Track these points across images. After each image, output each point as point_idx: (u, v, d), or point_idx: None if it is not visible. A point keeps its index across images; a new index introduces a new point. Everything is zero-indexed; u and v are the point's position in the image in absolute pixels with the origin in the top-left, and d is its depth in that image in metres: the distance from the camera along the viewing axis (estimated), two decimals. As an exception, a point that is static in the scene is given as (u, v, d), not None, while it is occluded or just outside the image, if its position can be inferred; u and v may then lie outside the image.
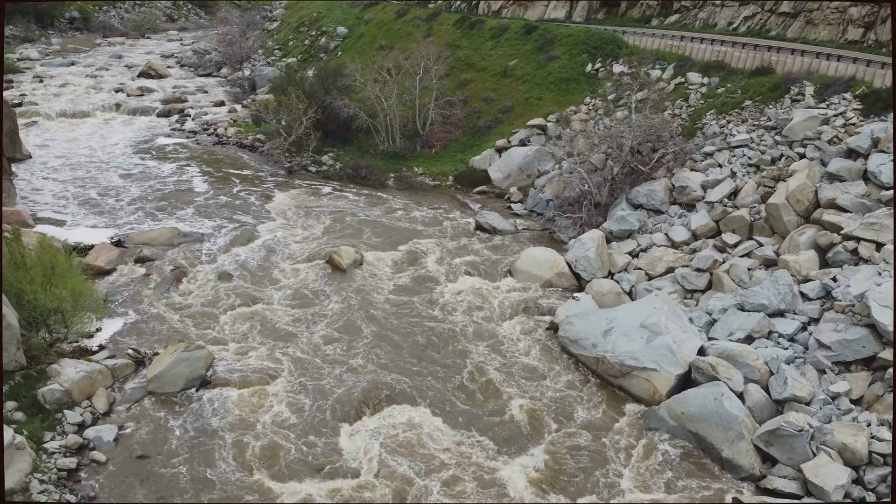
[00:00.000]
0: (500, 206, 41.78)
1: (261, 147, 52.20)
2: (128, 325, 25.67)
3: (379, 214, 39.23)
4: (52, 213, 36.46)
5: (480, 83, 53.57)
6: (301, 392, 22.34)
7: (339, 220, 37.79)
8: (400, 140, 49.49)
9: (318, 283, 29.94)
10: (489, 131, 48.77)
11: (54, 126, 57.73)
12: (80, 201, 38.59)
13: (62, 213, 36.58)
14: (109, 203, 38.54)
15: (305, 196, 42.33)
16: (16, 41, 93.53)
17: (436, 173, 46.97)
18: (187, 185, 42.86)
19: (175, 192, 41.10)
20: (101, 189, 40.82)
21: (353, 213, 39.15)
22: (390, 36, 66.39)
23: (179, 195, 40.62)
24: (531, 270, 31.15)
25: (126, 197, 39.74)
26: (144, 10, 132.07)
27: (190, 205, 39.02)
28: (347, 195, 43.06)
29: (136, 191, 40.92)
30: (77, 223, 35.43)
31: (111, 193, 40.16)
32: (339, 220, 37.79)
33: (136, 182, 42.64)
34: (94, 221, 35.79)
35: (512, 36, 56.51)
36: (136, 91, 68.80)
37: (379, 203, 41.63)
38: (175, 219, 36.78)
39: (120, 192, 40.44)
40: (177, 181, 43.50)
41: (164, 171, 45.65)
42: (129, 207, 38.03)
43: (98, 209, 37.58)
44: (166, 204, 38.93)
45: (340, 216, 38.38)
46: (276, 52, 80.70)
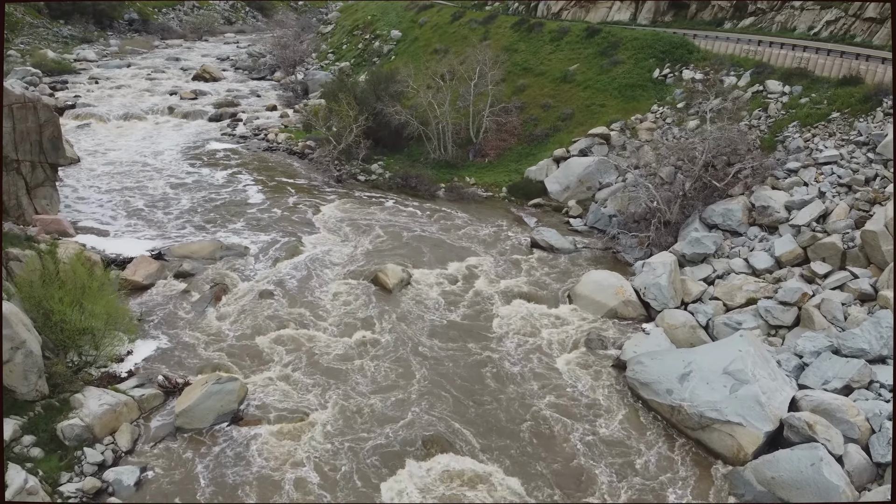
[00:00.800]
0: (557, 222, 39.13)
1: (310, 154, 50.77)
2: (161, 349, 24.09)
3: (428, 228, 37.07)
4: (95, 222, 35.50)
5: (538, 89, 50.95)
6: (340, 434, 20.25)
7: (387, 233, 35.79)
8: (452, 148, 47.30)
9: (362, 306, 27.91)
10: (546, 140, 46.11)
11: (106, 129, 57.63)
12: (125, 210, 37.61)
13: (105, 223, 35.59)
14: (154, 212, 37.45)
15: (353, 207, 40.52)
16: (74, 41, 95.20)
17: (489, 184, 44.57)
18: (234, 194, 41.57)
19: (221, 202, 39.82)
20: (147, 197, 39.83)
21: (401, 225, 37.08)
22: (445, 39, 64.34)
23: (225, 205, 39.31)
24: (594, 297, 28.45)
25: (171, 206, 38.61)
26: (203, 12, 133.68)
27: (235, 215, 37.63)
28: (396, 206, 41.08)
29: (181, 200, 39.79)
30: (120, 233, 34.35)
31: (157, 202, 39.10)
32: (387, 233, 35.79)
33: (183, 190, 41.56)
34: (137, 232, 34.66)
35: (573, 39, 53.71)
36: (190, 94, 68.54)
37: (428, 215, 39.49)
38: (219, 230, 35.39)
39: (166, 201, 39.36)
40: (224, 190, 42.26)
41: (212, 179, 44.53)
42: (174, 217, 36.84)
43: (142, 218, 36.50)
44: (211, 214, 37.65)
45: (388, 229, 36.38)
46: (330, 55, 79.68)
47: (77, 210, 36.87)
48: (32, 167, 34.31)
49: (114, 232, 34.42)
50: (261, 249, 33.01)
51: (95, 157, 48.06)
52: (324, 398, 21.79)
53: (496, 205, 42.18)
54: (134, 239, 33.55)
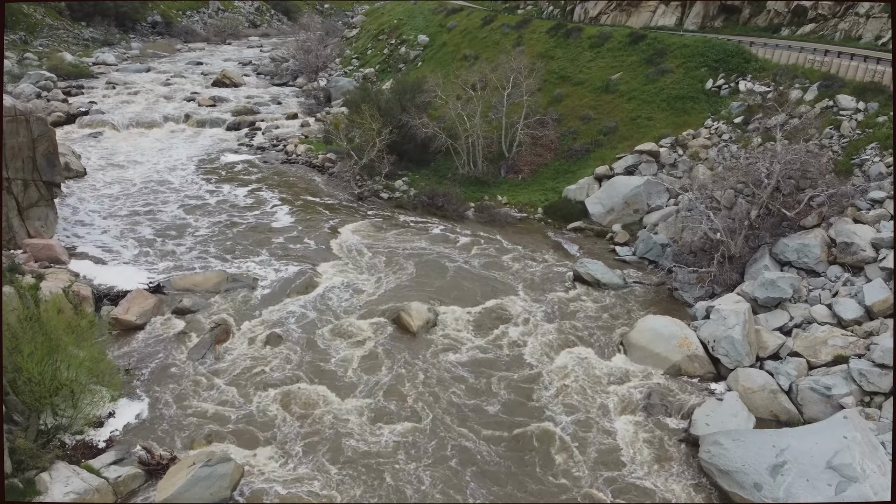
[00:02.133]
0: (601, 250, 35.19)
1: (331, 168, 47.38)
2: (147, 412, 20.62)
3: (456, 255, 33.36)
4: (93, 246, 32.34)
5: (577, 99, 47.02)
6: (353, 531, 16.61)
7: (411, 261, 32.17)
8: (482, 164, 43.55)
9: (383, 354, 24.26)
10: (587, 156, 42.15)
11: (119, 137, 54.88)
12: (127, 231, 34.44)
13: (105, 247, 32.40)
14: (158, 235, 34.22)
15: (375, 229, 36.97)
16: (95, 44, 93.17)
17: (523, 204, 40.73)
18: (245, 213, 38.25)
19: (230, 223, 36.52)
20: (153, 218, 36.63)
21: (426, 252, 33.43)
22: (475, 45, 60.66)
23: (234, 227, 36.00)
24: (651, 347, 24.50)
25: (177, 228, 35.36)
26: (227, 15, 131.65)
27: (245, 238, 34.28)
28: (421, 229, 37.45)
29: (189, 220, 36.54)
30: (118, 259, 31.15)
31: (163, 224, 35.87)
32: (411, 261, 32.17)
33: (191, 210, 38.31)
34: (138, 258, 31.42)
35: (615, 46, 49.69)
36: (208, 101, 65.70)
37: (457, 240, 35.80)
38: (226, 255, 32.04)
39: (172, 223, 36.12)
40: (235, 209, 38.98)
41: (224, 195, 41.31)
42: (178, 241, 33.57)
43: (144, 242, 33.28)
44: (219, 237, 34.33)
45: (412, 256, 32.76)
46: (354, 61, 76.45)
47: (75, 233, 33.75)
48: (25, 186, 31.26)
49: (112, 259, 31.20)
50: (271, 281, 29.56)
51: (103, 171, 45.15)
52: (336, 481, 18.14)
53: (531, 228, 38.33)
54: (133, 267, 30.31)
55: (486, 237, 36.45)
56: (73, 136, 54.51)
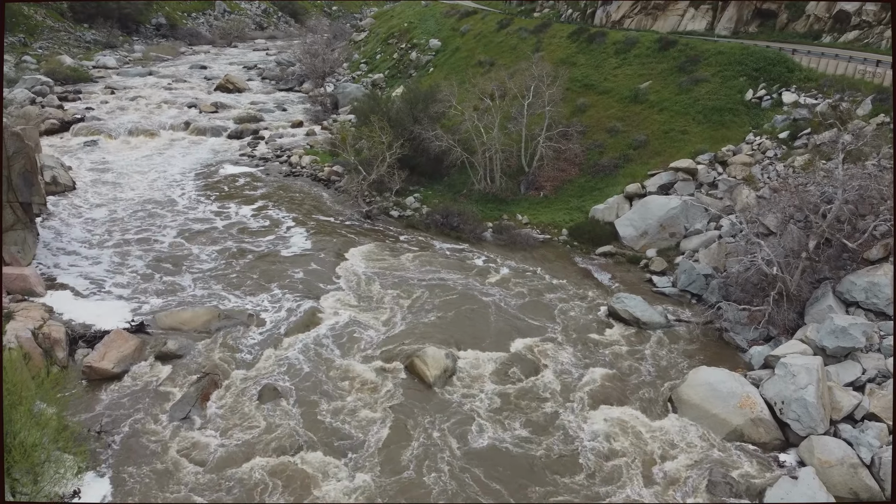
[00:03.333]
0: (635, 279, 31.83)
1: (337, 182, 44.23)
2: (116, 490, 17.39)
3: (474, 285, 30.07)
4: (75, 275, 29.17)
5: (602, 109, 43.68)
6: None
7: (424, 291, 28.92)
8: (500, 179, 40.24)
9: (393, 411, 20.99)
10: (615, 172, 38.79)
11: (114, 146, 51.91)
12: (113, 257, 31.28)
13: (87, 276, 29.23)
14: (147, 262, 31.04)
15: (384, 252, 33.75)
16: (97, 47, 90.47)
17: (545, 224, 37.40)
18: (241, 234, 35.08)
19: (227, 246, 33.36)
20: (144, 241, 33.49)
21: (440, 281, 30.15)
22: (490, 50, 57.39)
23: (230, 250, 32.83)
24: (706, 406, 21.12)
25: (170, 255, 32.19)
26: (234, 17, 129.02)
27: (240, 264, 31.10)
28: (435, 252, 34.20)
29: (182, 244, 33.36)
30: (101, 291, 27.97)
31: (153, 248, 32.72)
32: (424, 291, 28.92)
33: (186, 231, 35.17)
34: (123, 289, 28.24)
35: (643, 52, 46.34)
36: (210, 107, 62.75)
37: (474, 266, 32.52)
38: (218, 285, 28.85)
39: (164, 248, 32.96)
40: (232, 228, 35.82)
41: (222, 212, 38.18)
42: (169, 269, 30.39)
43: (132, 270, 30.11)
44: (212, 263, 31.18)
45: (425, 285, 29.51)
46: (362, 65, 73.35)
47: (56, 259, 30.62)
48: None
49: (95, 291, 28.01)
50: (268, 316, 26.35)
51: (95, 185, 42.12)
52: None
53: (556, 251, 34.99)
54: (116, 302, 27.12)
55: (506, 262, 33.16)
56: (66, 144, 51.65)
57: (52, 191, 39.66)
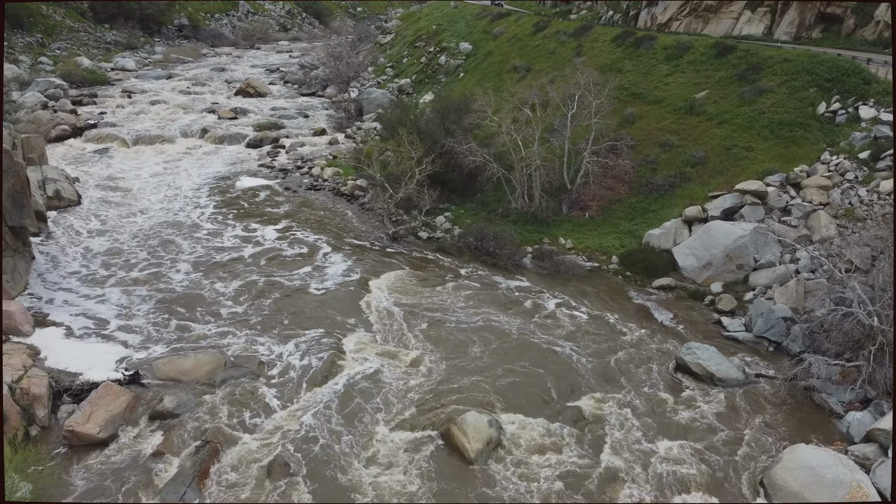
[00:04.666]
0: (701, 318, 27.90)
1: (361, 197, 40.79)
2: None
3: (516, 326, 26.36)
4: (67, 310, 25.89)
5: (654, 121, 39.68)
6: None
7: (458, 334, 25.30)
8: (540, 197, 36.40)
9: (424, 496, 17.36)
10: (671, 192, 34.81)
11: (127, 155, 49.07)
12: (115, 290, 27.92)
13: (82, 311, 25.96)
14: (152, 295, 27.69)
15: (413, 282, 30.20)
16: (117, 48, 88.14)
17: (592, 250, 33.55)
18: (257, 260, 31.71)
19: (237, 274, 30.01)
20: (150, 267, 30.21)
21: (478, 321, 26.47)
22: (526, 55, 53.60)
23: (241, 280, 29.46)
24: (807, 495, 17.22)
25: (175, 281, 28.94)
26: (257, 18, 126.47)
27: (251, 298, 27.67)
28: (469, 282, 30.55)
29: (189, 271, 30.02)
30: (95, 331, 24.65)
31: (160, 278, 29.39)
32: (458, 334, 25.30)
33: (197, 258, 31.83)
34: (120, 330, 24.90)
35: (697, 58, 42.25)
36: (229, 113, 59.72)
37: (513, 300, 28.83)
38: (226, 324, 25.45)
39: (172, 277, 29.68)
40: (245, 252, 32.48)
41: (236, 234, 34.88)
42: (174, 302, 27.02)
43: (133, 304, 26.75)
44: (220, 296, 27.79)
45: (459, 327, 25.89)
46: (388, 70, 69.91)
47: (49, 290, 27.42)
48: (-19, 233, 25.14)
49: (89, 329, 24.73)
50: (281, 364, 22.88)
51: (101, 199, 39.14)
52: None
53: (607, 284, 31.13)
54: (111, 343, 23.84)
55: (550, 296, 29.41)
56: (76, 152, 48.89)
57: (54, 205, 36.79)
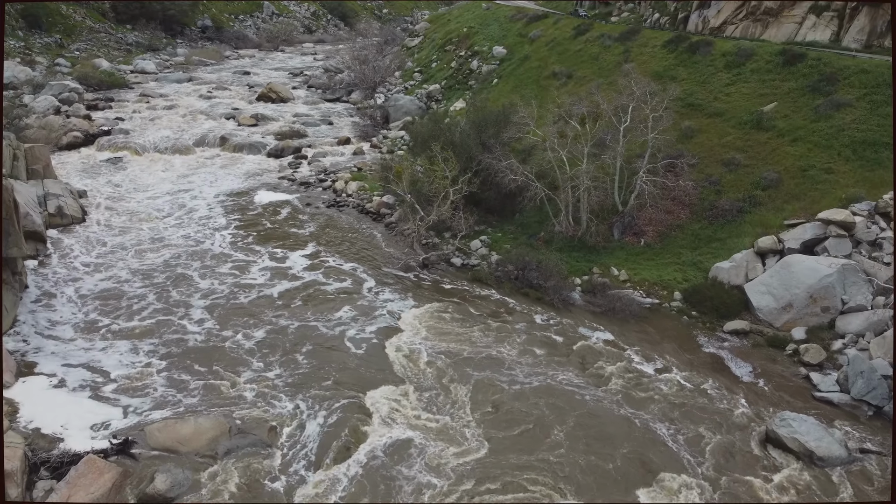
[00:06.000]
0: (785, 372, 23.90)
1: (388, 216, 37.26)
2: None
3: (568, 381, 22.62)
4: (57, 358, 22.52)
5: (715, 136, 35.65)
6: None
7: (503, 391, 21.63)
8: (588, 220, 32.59)
9: None
10: (740, 218, 30.79)
11: (140, 165, 46.12)
12: (113, 334, 24.48)
13: (72, 360, 22.61)
14: (155, 342, 24.22)
15: (446, 319, 26.58)
16: (138, 49, 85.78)
17: (650, 283, 29.65)
18: (288, 302, 28.09)
19: (249, 311, 26.58)
20: (156, 308, 26.72)
21: (524, 374, 22.74)
22: (567, 60, 49.75)
23: (253, 318, 26.03)
24: None
25: (187, 329, 25.39)
26: (282, 19, 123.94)
27: (263, 345, 24.15)
28: (510, 320, 26.87)
29: (204, 316, 26.22)
30: (86, 384, 21.29)
31: (168, 320, 25.92)
32: (503, 391, 21.63)
33: (214, 298, 28.16)
34: (113, 385, 21.49)
35: (761, 66, 38.12)
36: (250, 120, 56.62)
37: (563, 346, 25.07)
38: (235, 374, 22.01)
39: (182, 319, 26.24)
40: (273, 290, 28.86)
41: (261, 264, 31.38)
42: (181, 355, 23.36)
43: (132, 355, 23.32)
44: (229, 343, 24.24)
45: (503, 378, 22.21)
46: (416, 74, 66.39)
47: (39, 330, 24.11)
48: (-43, 265, 21.97)
49: (79, 382, 21.33)
50: (295, 432, 19.35)
51: (109, 216, 36.06)
52: None
53: (670, 325, 27.22)
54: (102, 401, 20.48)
55: (604, 338, 25.62)
56: (86, 161, 46.05)
57: (56, 223, 33.83)
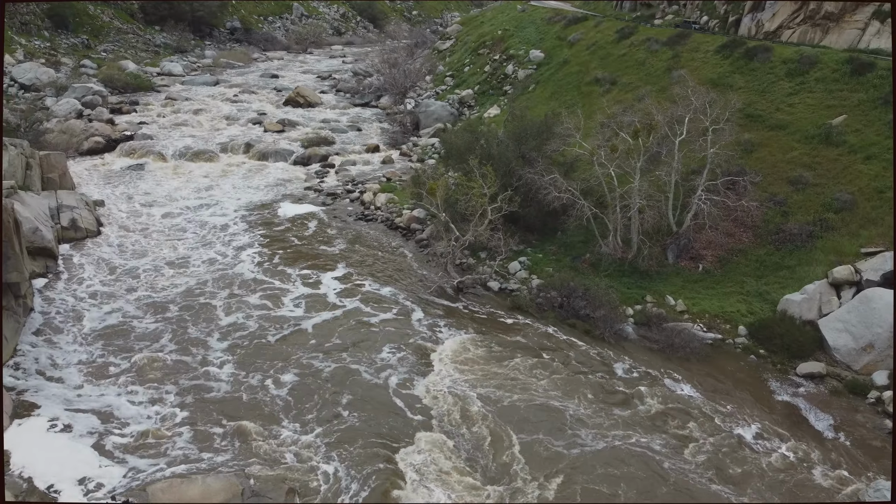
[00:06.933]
0: (869, 425, 20.93)
1: (419, 232, 34.82)
2: None
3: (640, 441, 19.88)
4: (58, 400, 20.33)
5: (779, 151, 32.57)
6: None
7: (562, 459, 18.96)
8: (639, 241, 29.78)
9: None
10: (810, 244, 27.75)
11: (162, 172, 44.27)
12: (122, 377, 22.29)
13: (74, 404, 20.42)
14: (168, 387, 21.94)
15: (484, 354, 23.99)
16: (166, 51, 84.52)
17: (711, 316, 26.71)
18: (305, 325, 25.77)
19: (279, 351, 24.25)
20: (172, 347, 24.54)
21: (581, 427, 20.06)
22: (610, 65, 46.87)
23: (283, 361, 23.71)
24: None
25: (207, 374, 23.08)
26: (311, 21, 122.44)
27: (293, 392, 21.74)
28: (556, 356, 24.18)
29: (226, 357, 23.98)
30: (85, 433, 19.07)
31: (185, 361, 23.73)
32: (562, 459, 18.96)
33: (238, 336, 25.70)
34: (116, 435, 19.27)
35: (827, 75, 34.93)
36: (276, 126, 54.59)
37: (622, 388, 22.35)
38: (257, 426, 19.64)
39: (201, 363, 23.95)
40: (288, 314, 26.57)
41: (291, 291, 28.76)
42: (198, 404, 21.05)
43: (142, 402, 21.12)
44: (254, 391, 21.87)
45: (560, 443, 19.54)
46: (448, 79, 63.89)
47: (41, 364, 22.02)
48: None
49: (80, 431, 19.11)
50: (316, 496, 16.91)
51: (125, 232, 33.99)
52: None
53: (736, 365, 24.28)
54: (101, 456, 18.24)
55: (669, 386, 22.79)
56: (107, 168, 44.37)
57: (69, 237, 31.96)
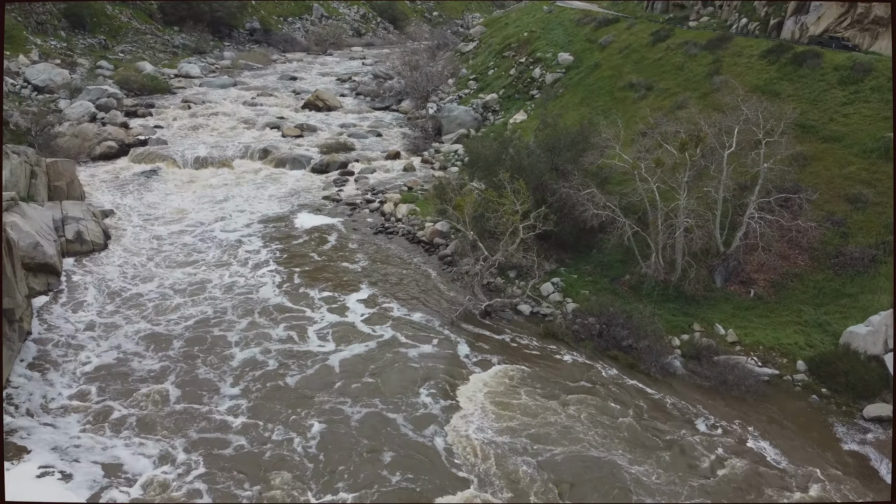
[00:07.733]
0: (959, 486, 18.46)
1: (442, 247, 32.70)
2: None
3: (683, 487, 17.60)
4: (51, 443, 18.51)
5: (834, 165, 30.02)
6: None
7: None
8: (684, 263, 27.37)
9: None
10: (873, 270, 25.24)
11: (176, 180, 42.59)
12: (124, 413, 20.37)
13: (67, 451, 18.52)
14: (176, 440, 20.05)
15: (517, 391, 21.83)
16: (185, 52, 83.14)
17: (766, 348, 24.27)
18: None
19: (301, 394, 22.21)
20: (181, 392, 22.38)
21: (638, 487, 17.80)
22: (644, 70, 44.42)
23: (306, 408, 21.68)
24: None
25: (220, 424, 21.14)
26: (331, 22, 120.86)
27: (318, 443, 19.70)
28: (598, 395, 21.93)
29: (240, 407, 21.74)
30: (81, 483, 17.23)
31: (194, 408, 21.69)
32: None
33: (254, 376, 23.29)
34: (115, 483, 17.42)
35: (882, 84, 32.29)
36: (294, 130, 52.77)
37: (677, 435, 20.01)
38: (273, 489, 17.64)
39: (211, 412, 21.91)
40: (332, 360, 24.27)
41: (315, 321, 26.47)
42: (207, 462, 19.27)
43: (144, 454, 19.13)
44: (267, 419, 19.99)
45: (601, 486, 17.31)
46: (471, 82, 61.65)
47: (35, 398, 20.19)
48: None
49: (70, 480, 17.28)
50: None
51: (133, 246, 32.23)
52: None
53: (796, 405, 21.87)
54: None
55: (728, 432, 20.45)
56: (119, 175, 42.74)
57: (74, 250, 30.29)
